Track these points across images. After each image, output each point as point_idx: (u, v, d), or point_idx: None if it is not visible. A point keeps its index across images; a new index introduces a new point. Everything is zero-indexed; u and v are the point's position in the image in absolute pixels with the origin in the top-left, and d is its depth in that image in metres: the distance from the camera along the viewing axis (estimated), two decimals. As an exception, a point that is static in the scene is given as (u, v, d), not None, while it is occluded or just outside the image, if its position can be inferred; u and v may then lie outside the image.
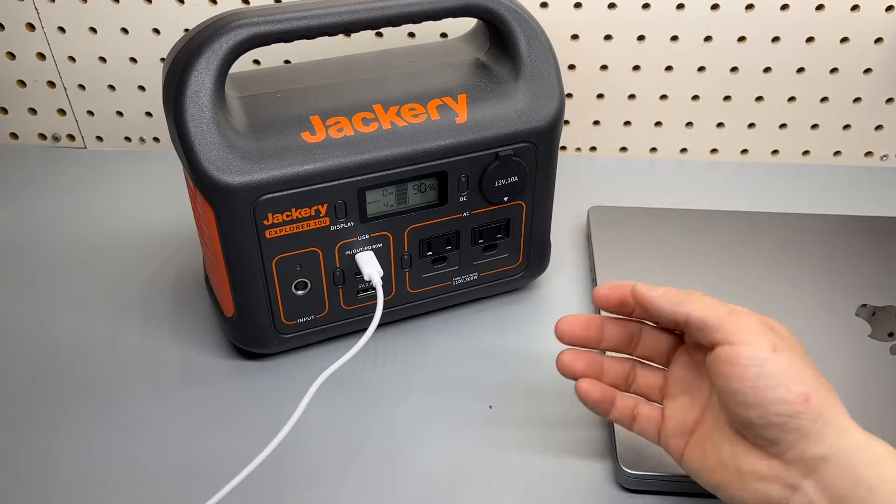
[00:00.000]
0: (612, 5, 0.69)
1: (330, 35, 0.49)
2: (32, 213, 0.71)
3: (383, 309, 0.57)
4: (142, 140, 0.79)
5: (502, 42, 0.54)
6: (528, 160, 0.54)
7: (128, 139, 0.79)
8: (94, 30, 0.72)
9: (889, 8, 0.68)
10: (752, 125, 0.76)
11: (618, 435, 0.49)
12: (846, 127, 0.75)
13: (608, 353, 0.47)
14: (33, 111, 0.78)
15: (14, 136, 0.80)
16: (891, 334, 0.55)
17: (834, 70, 0.72)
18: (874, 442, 0.37)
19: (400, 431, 0.52)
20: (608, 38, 0.71)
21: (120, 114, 0.77)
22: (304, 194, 0.49)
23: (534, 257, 0.60)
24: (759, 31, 0.70)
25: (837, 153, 0.77)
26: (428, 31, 0.71)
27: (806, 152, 0.77)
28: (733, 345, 0.38)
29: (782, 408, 0.36)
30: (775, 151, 0.77)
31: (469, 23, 0.59)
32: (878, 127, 0.75)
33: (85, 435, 0.52)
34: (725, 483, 0.39)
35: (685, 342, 0.44)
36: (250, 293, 0.52)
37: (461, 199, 0.54)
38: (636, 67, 0.73)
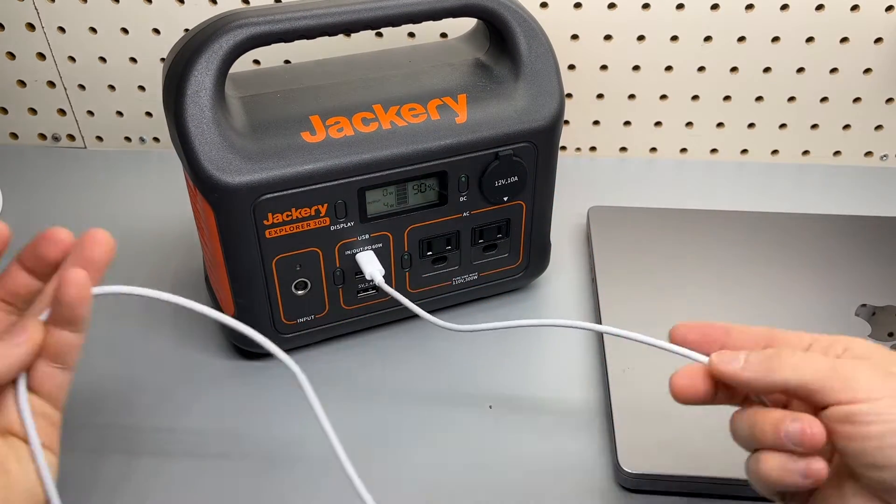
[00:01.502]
0: (612, 5, 0.69)
1: (330, 35, 0.49)
2: (32, 213, 0.71)
3: (383, 309, 0.57)
4: (142, 140, 0.79)
5: (502, 42, 0.54)
6: (528, 160, 0.54)
7: (128, 139, 0.79)
8: (94, 30, 0.72)
9: (889, 8, 0.68)
10: (752, 125, 0.76)
11: (618, 435, 0.49)
12: (846, 127, 0.75)
13: None
14: (33, 111, 0.78)
15: (14, 136, 0.80)
16: (891, 334, 0.55)
17: (834, 70, 0.72)
18: None
19: (400, 431, 0.52)
20: (608, 38, 0.71)
21: (120, 114, 0.77)
22: (304, 194, 0.49)
23: (534, 257, 0.60)
24: (759, 31, 0.70)
25: (837, 153, 0.77)
26: (428, 31, 0.71)
27: (806, 152, 0.77)
28: (849, 404, 0.33)
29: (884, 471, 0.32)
30: (775, 151, 0.77)
31: (469, 23, 0.59)
32: (878, 127, 0.75)
33: (85, 435, 0.52)
34: None
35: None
36: (250, 293, 0.52)
37: (461, 199, 0.54)
38: (636, 67, 0.73)
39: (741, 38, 0.70)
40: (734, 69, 0.72)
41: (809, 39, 0.70)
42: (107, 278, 0.64)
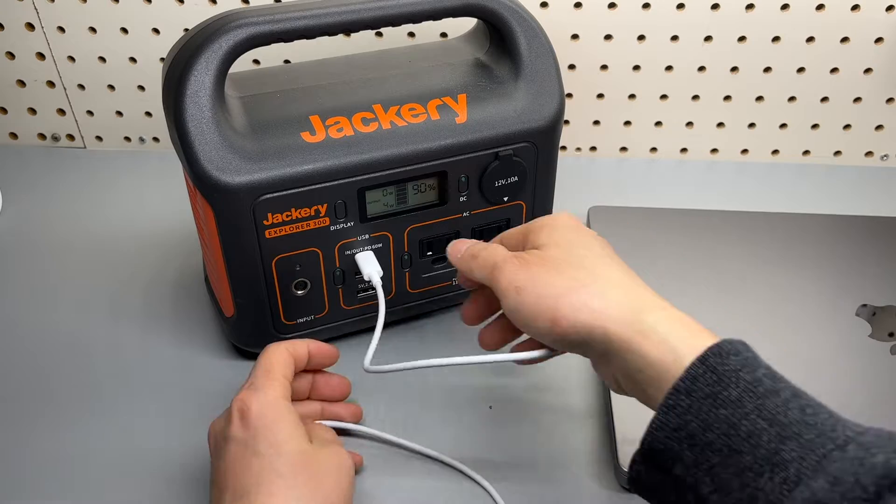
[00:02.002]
0: (612, 5, 0.69)
1: (330, 35, 0.49)
2: (32, 213, 0.71)
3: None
4: (141, 140, 0.79)
5: (502, 42, 0.54)
6: (528, 160, 0.54)
7: (127, 139, 0.79)
8: (93, 30, 0.72)
9: (889, 8, 0.68)
10: (752, 125, 0.76)
11: (618, 435, 0.49)
12: (846, 127, 0.75)
13: None
14: (33, 111, 0.78)
15: (14, 136, 0.80)
16: (891, 334, 0.55)
17: (834, 70, 0.72)
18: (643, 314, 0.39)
19: (400, 432, 0.52)
20: (608, 38, 0.71)
21: (119, 114, 0.77)
22: (303, 194, 0.49)
23: (534, 257, 0.60)
24: (759, 31, 0.70)
25: (837, 153, 0.77)
26: (428, 31, 0.71)
27: (806, 152, 0.77)
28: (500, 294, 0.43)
29: (548, 333, 0.41)
30: (775, 151, 0.77)
31: (469, 23, 0.59)
32: (879, 127, 0.75)
33: (85, 434, 0.52)
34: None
35: None
36: (250, 293, 0.52)
37: (461, 199, 0.54)
38: (636, 67, 0.73)
39: (741, 38, 0.70)
40: (734, 69, 0.72)
41: (809, 39, 0.70)
42: (105, 279, 0.64)
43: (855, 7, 0.68)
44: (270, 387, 0.43)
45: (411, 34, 0.71)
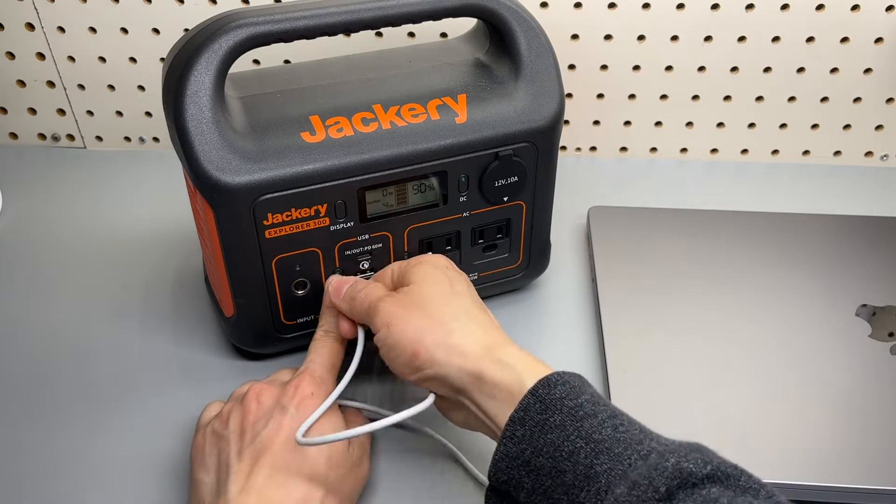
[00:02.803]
0: (612, 5, 0.69)
1: (330, 35, 0.49)
2: (32, 213, 0.71)
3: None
4: (141, 140, 0.79)
5: (502, 42, 0.54)
6: (528, 160, 0.54)
7: (127, 139, 0.79)
8: (93, 30, 0.72)
9: (889, 8, 0.68)
10: (752, 125, 0.76)
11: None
12: (846, 127, 0.75)
13: None
14: (33, 111, 0.78)
15: (14, 136, 0.80)
16: (891, 334, 0.55)
17: (834, 70, 0.72)
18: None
19: (400, 431, 0.52)
20: (608, 38, 0.71)
21: (119, 114, 0.77)
22: (303, 194, 0.49)
23: (534, 257, 0.60)
24: (759, 31, 0.70)
25: (837, 153, 0.77)
26: (428, 31, 0.71)
27: (806, 152, 0.77)
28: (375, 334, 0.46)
29: (408, 371, 0.44)
30: (775, 151, 0.77)
31: (469, 23, 0.59)
32: (879, 127, 0.75)
33: (85, 434, 0.52)
34: None
35: None
36: (250, 293, 0.52)
37: (461, 199, 0.54)
38: (636, 67, 0.73)
39: (741, 38, 0.70)
40: (734, 69, 0.72)
41: (809, 39, 0.70)
42: (106, 278, 0.64)
43: (855, 7, 0.68)
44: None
45: (411, 34, 0.71)
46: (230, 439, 0.43)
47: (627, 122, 0.76)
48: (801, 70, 0.72)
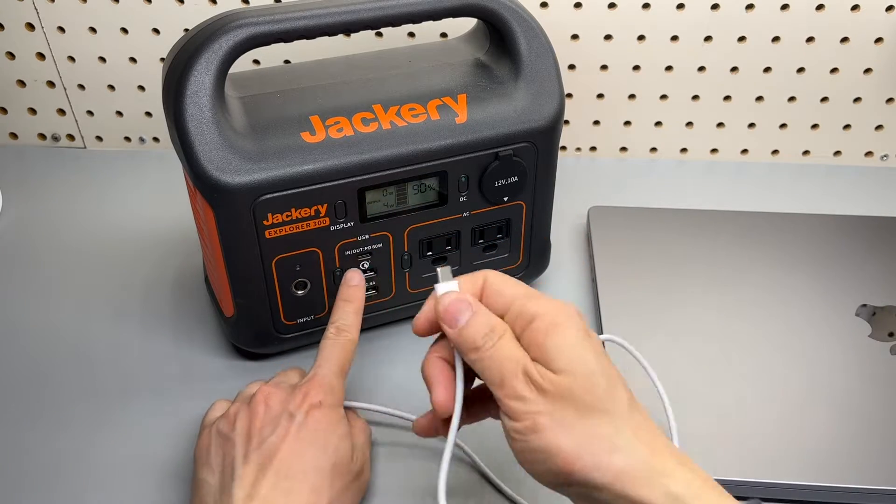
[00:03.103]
0: (612, 5, 0.69)
1: (330, 35, 0.49)
2: (32, 213, 0.71)
3: (383, 309, 0.57)
4: (141, 140, 0.79)
5: (502, 42, 0.54)
6: (528, 160, 0.54)
7: (127, 139, 0.79)
8: (93, 30, 0.72)
9: (889, 8, 0.68)
10: (752, 125, 0.76)
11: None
12: (846, 127, 0.75)
13: None
14: (33, 111, 0.78)
15: (14, 136, 0.80)
16: (891, 334, 0.55)
17: (834, 70, 0.72)
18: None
19: (400, 431, 0.52)
20: (608, 38, 0.71)
21: (119, 114, 0.77)
22: (303, 194, 0.49)
23: (534, 257, 0.60)
24: (759, 31, 0.70)
25: (837, 153, 0.77)
26: (428, 31, 0.71)
27: (806, 152, 0.77)
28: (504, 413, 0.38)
29: (550, 480, 0.38)
30: (775, 151, 0.77)
31: (469, 23, 0.59)
32: (879, 127, 0.75)
33: (85, 434, 0.52)
34: None
35: None
36: (250, 293, 0.52)
37: (461, 199, 0.54)
38: (636, 67, 0.73)
39: (741, 38, 0.70)
40: (734, 69, 0.72)
41: (809, 39, 0.70)
42: (105, 278, 0.64)
43: (855, 7, 0.68)
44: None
45: (411, 34, 0.71)
46: (236, 442, 0.43)
47: (627, 122, 0.76)
48: (801, 70, 0.72)
